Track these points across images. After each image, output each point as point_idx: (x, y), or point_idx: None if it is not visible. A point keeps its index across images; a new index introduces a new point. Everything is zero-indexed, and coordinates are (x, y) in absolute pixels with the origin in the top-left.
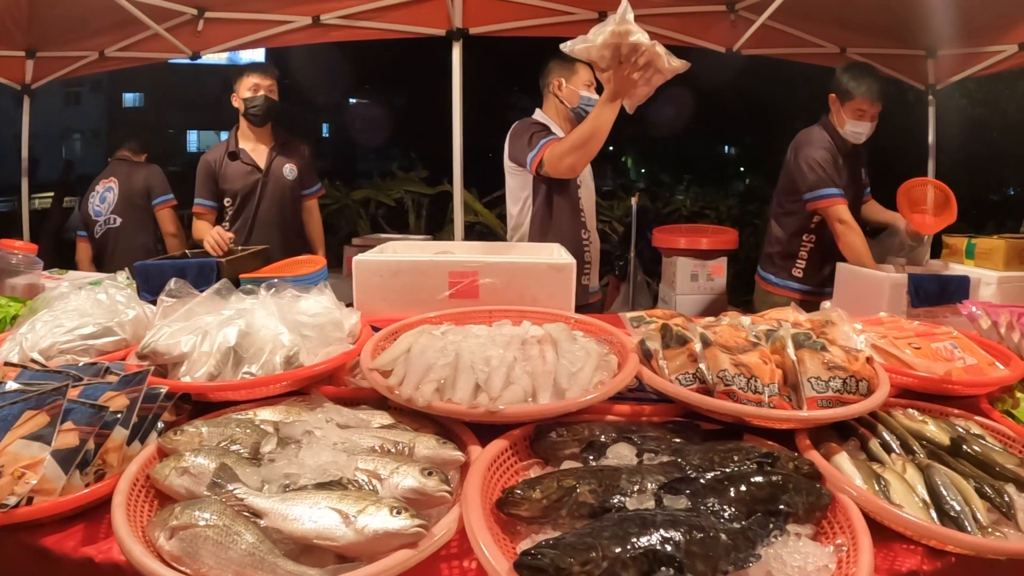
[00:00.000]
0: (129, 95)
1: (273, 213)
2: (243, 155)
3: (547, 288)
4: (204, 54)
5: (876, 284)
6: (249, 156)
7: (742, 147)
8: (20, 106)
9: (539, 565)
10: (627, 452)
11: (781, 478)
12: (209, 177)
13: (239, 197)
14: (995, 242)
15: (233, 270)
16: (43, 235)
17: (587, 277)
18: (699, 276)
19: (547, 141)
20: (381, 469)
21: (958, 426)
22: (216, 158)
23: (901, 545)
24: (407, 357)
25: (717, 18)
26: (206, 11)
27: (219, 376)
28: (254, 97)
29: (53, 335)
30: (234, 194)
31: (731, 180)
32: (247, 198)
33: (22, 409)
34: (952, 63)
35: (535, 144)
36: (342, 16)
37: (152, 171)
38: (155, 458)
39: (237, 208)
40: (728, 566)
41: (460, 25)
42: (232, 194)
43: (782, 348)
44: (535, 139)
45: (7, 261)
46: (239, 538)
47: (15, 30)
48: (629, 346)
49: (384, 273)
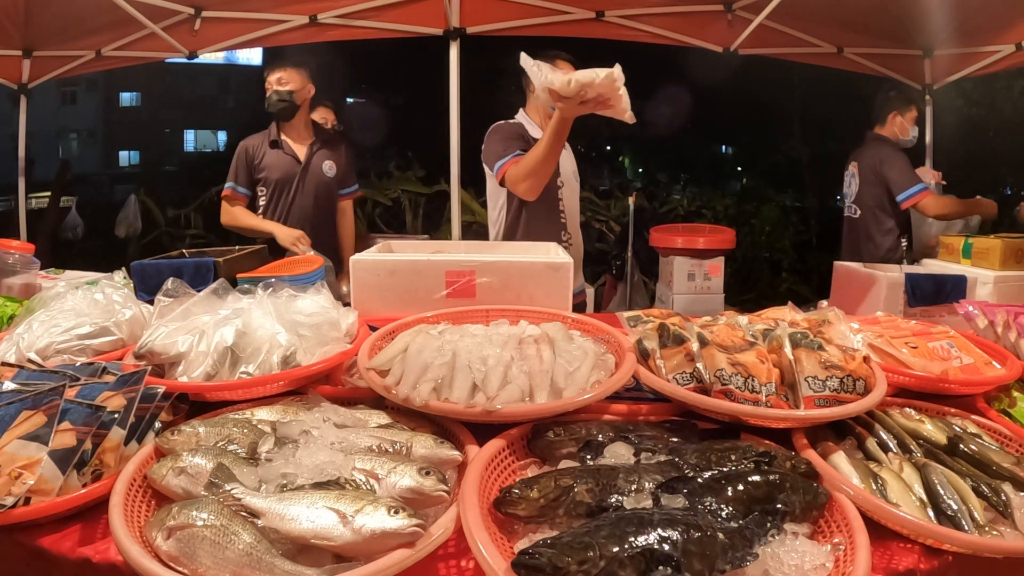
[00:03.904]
0: (126, 94)
1: (309, 207)
2: (284, 145)
3: (544, 287)
4: (201, 53)
5: (873, 283)
6: (290, 147)
7: (739, 147)
8: (17, 105)
9: (537, 564)
10: (624, 451)
11: (778, 477)
12: (247, 163)
13: (276, 186)
14: (992, 241)
15: (230, 270)
16: (40, 235)
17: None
18: (696, 275)
19: (512, 157)
20: (378, 469)
21: (955, 425)
22: (256, 144)
23: (898, 544)
24: (404, 356)
25: (714, 18)
26: (203, 10)
27: (216, 376)
28: (267, 96)
29: (50, 335)
30: (271, 183)
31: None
32: (284, 188)
33: (19, 409)
34: (949, 63)
35: (503, 155)
36: (339, 15)
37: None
38: (152, 458)
39: (273, 198)
40: (725, 565)
41: (457, 24)
42: (269, 183)
43: (779, 347)
44: (505, 149)
45: (4, 261)
46: (236, 538)
47: (11, 29)
48: (626, 345)
49: (381, 272)
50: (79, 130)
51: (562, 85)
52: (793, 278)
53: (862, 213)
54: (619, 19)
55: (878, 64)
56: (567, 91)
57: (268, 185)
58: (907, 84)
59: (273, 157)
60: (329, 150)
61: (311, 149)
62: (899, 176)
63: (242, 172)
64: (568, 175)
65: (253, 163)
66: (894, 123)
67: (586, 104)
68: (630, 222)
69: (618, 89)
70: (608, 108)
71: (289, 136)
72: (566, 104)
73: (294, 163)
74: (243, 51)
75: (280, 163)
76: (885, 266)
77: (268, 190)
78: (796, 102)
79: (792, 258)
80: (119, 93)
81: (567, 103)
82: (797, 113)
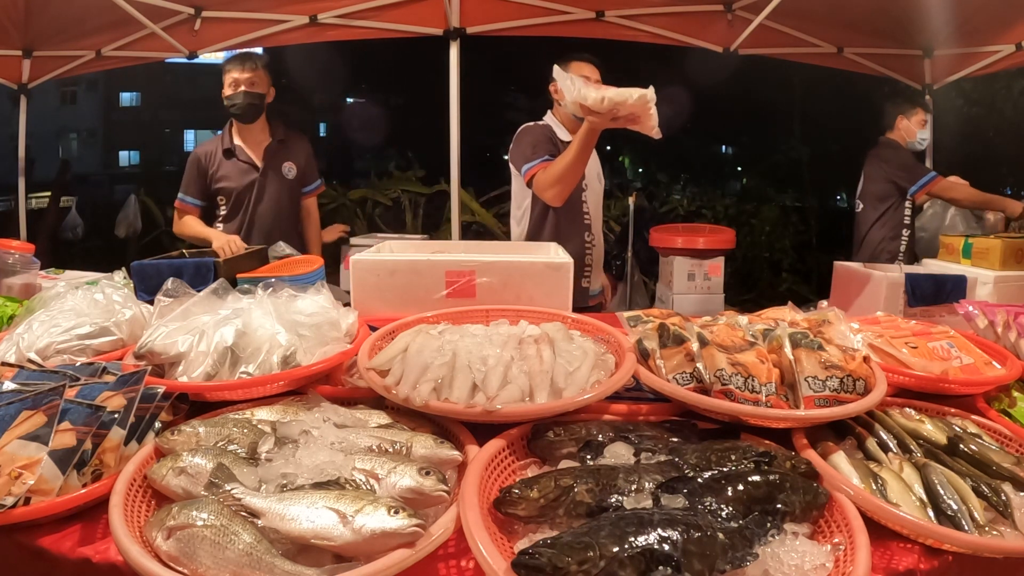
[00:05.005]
0: (126, 94)
1: (270, 214)
2: (239, 152)
3: (544, 287)
4: (201, 53)
5: (873, 283)
6: (246, 153)
7: (739, 147)
8: (17, 105)
9: (536, 564)
10: (624, 451)
11: (778, 477)
12: (199, 174)
13: (234, 196)
14: (992, 241)
15: (230, 270)
16: (40, 235)
17: (587, 280)
18: (696, 275)
19: (541, 161)
20: (378, 469)
21: (955, 425)
22: (208, 154)
23: (898, 544)
24: (404, 356)
25: (714, 18)
26: (203, 10)
27: (216, 376)
28: (233, 95)
29: (50, 335)
30: (228, 193)
31: (728, 180)
32: (242, 198)
33: (19, 409)
34: (948, 63)
35: (532, 158)
36: (339, 15)
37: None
38: (152, 458)
39: (232, 208)
40: (725, 565)
41: (457, 24)
42: (227, 193)
43: (779, 347)
44: (534, 152)
45: (4, 261)
46: (236, 538)
47: (12, 29)
48: (626, 345)
49: (381, 272)
50: (79, 130)
51: (595, 102)
52: (793, 278)
53: (864, 207)
54: (619, 19)
55: (878, 64)
56: (600, 108)
57: (227, 195)
58: (910, 85)
59: (229, 167)
60: (288, 150)
61: (267, 153)
62: (907, 170)
63: (193, 183)
64: (592, 177)
65: (207, 173)
66: (900, 127)
67: (617, 120)
68: (630, 222)
69: (650, 109)
70: (637, 124)
71: (245, 141)
72: (598, 119)
73: (251, 170)
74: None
75: (235, 172)
76: (885, 266)
77: (227, 199)
78: (796, 102)
79: (792, 258)
80: (119, 93)
81: (599, 118)
82: (797, 113)
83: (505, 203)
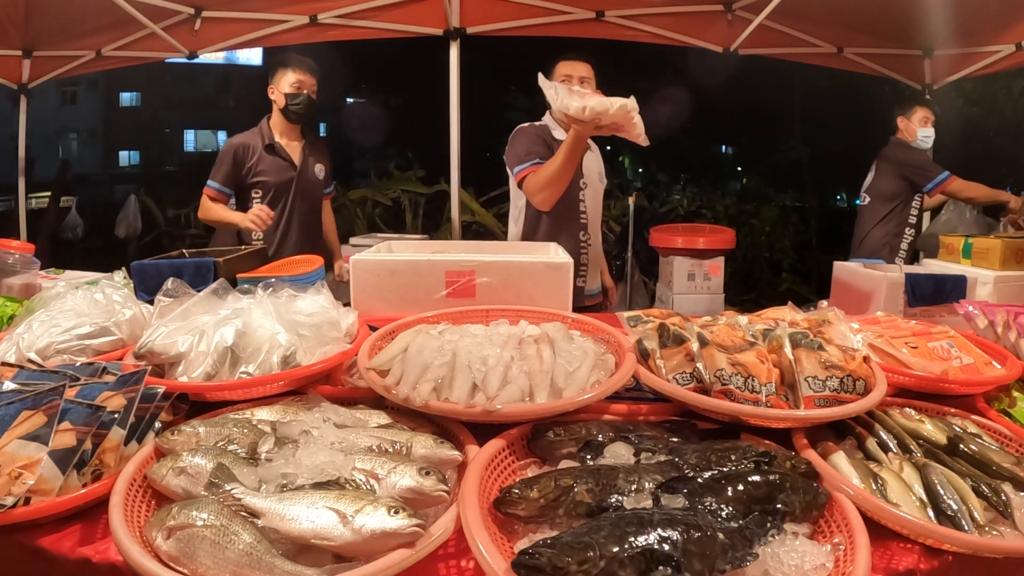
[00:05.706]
0: (126, 94)
1: (305, 211)
2: (279, 149)
3: (544, 287)
4: (201, 53)
5: (873, 283)
6: (285, 151)
7: (739, 147)
8: (17, 105)
9: (536, 564)
10: (624, 451)
11: (778, 477)
12: (236, 164)
13: (272, 191)
14: (992, 241)
15: (230, 270)
16: (40, 235)
17: (583, 279)
18: (696, 275)
19: (532, 164)
20: (378, 469)
21: (955, 425)
22: (247, 146)
23: (898, 544)
24: (404, 356)
25: (714, 18)
26: (203, 10)
27: (216, 376)
28: (298, 95)
29: (50, 335)
30: (267, 187)
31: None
32: (280, 194)
33: (19, 409)
34: (948, 63)
35: (523, 161)
36: (339, 15)
37: None
38: (152, 458)
39: (270, 203)
40: (725, 565)
41: (457, 24)
42: (265, 187)
43: (779, 347)
44: (527, 155)
45: (4, 261)
46: (236, 538)
47: (12, 29)
48: (626, 345)
49: (381, 272)
50: (79, 130)
51: (577, 111)
52: (793, 278)
53: (871, 201)
54: (619, 19)
55: (878, 64)
56: (582, 117)
57: (264, 189)
58: (910, 85)
59: (269, 162)
60: (317, 153)
61: (304, 153)
62: (923, 168)
63: (227, 173)
64: (592, 176)
65: (244, 165)
66: (901, 127)
67: (601, 128)
68: (630, 222)
69: (632, 118)
70: (622, 132)
71: (282, 139)
72: (582, 127)
73: (289, 168)
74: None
75: (276, 167)
76: (885, 266)
77: (264, 194)
78: (796, 102)
79: (792, 258)
80: (119, 93)
81: (583, 126)
82: (797, 113)
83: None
